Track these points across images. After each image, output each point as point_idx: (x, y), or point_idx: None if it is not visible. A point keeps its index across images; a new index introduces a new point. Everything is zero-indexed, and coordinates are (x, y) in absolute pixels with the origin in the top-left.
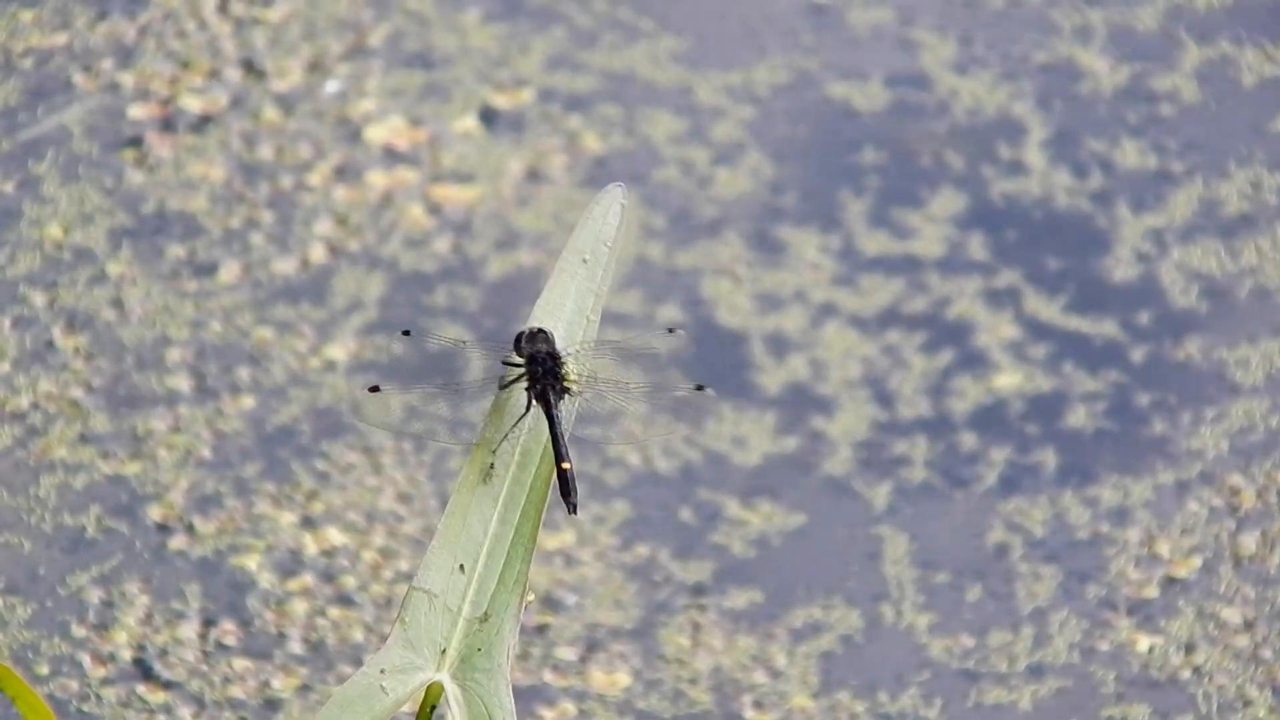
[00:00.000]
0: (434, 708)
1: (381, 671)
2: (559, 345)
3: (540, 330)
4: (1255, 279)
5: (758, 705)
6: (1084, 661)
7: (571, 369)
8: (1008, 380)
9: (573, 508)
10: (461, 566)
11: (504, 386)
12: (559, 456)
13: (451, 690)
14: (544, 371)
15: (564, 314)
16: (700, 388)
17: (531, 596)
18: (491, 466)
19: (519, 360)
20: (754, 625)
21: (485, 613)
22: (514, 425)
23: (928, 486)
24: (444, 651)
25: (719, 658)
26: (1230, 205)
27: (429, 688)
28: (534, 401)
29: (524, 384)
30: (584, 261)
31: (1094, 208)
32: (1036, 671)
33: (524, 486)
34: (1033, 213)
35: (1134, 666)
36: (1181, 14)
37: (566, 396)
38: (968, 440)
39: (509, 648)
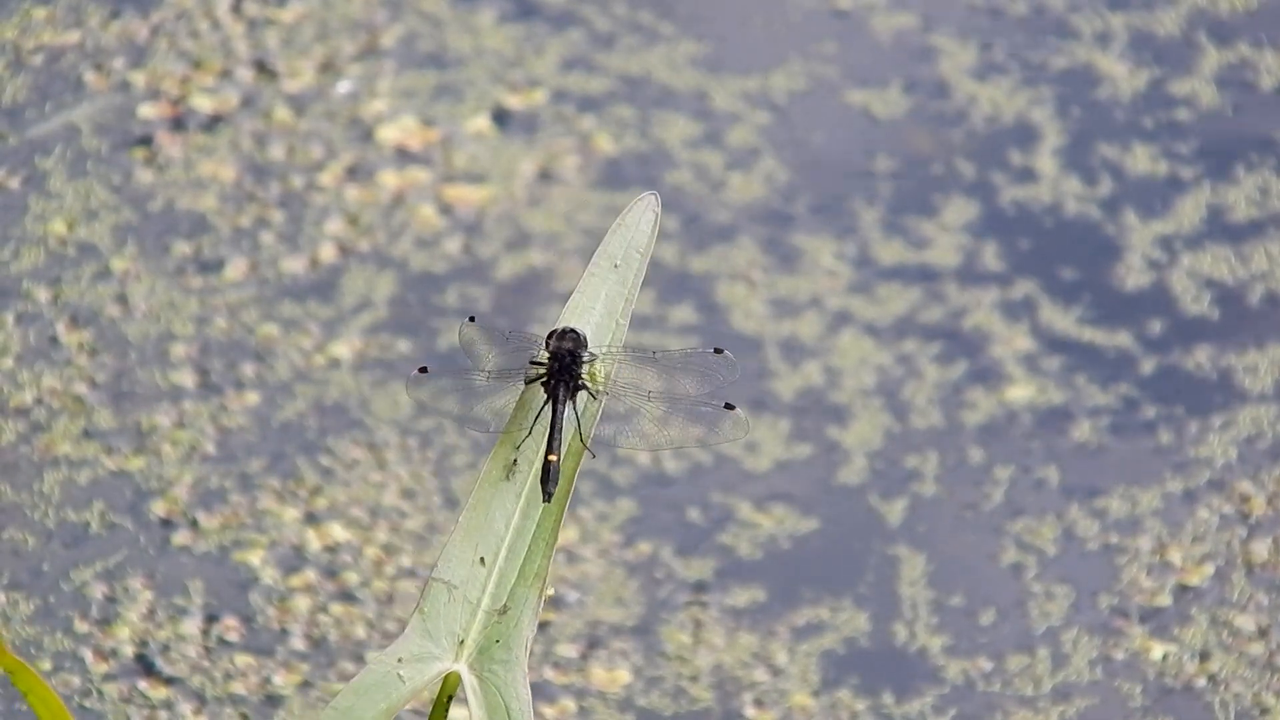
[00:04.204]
0: (450, 697)
1: (399, 660)
2: (590, 346)
3: (570, 330)
4: (1265, 284)
5: (758, 703)
6: (1107, 677)
7: (599, 370)
8: (1020, 392)
9: (548, 496)
10: (482, 559)
11: (529, 382)
12: (550, 448)
13: (469, 681)
14: (560, 367)
15: (593, 317)
16: (729, 407)
17: (551, 590)
18: (515, 462)
19: (544, 358)
20: (755, 623)
21: (504, 605)
22: (535, 420)
23: (938, 500)
24: (462, 642)
25: (720, 655)
26: (1239, 211)
27: (446, 678)
28: (548, 396)
29: (543, 380)
30: (615, 267)
31: (1105, 215)
32: (1062, 693)
33: None
34: (1044, 220)
35: (1149, 675)
36: (1203, 17)
37: (588, 396)
38: (976, 454)
39: (527, 641)
